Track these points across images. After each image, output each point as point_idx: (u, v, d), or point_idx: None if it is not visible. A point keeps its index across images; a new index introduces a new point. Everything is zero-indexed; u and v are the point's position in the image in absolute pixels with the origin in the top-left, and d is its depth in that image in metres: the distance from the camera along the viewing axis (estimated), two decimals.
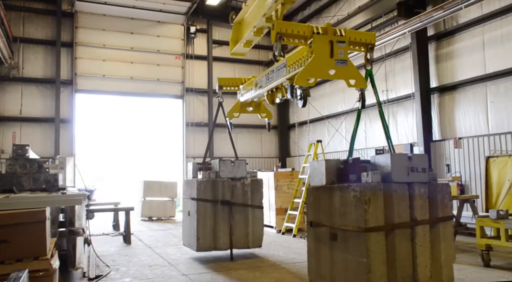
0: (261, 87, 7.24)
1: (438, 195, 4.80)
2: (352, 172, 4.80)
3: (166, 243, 10.36)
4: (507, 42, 10.91)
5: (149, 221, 15.26)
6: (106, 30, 18.52)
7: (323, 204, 4.95)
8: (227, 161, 8.07)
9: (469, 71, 11.88)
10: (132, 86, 18.95)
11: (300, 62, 5.58)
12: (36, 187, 6.48)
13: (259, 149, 21.01)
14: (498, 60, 11.12)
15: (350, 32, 5.52)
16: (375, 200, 4.37)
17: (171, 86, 19.78)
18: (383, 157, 4.75)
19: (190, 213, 8.00)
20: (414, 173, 4.66)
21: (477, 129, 11.61)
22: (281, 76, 6.24)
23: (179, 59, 19.91)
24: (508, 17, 10.87)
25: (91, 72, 18.18)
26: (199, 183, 7.73)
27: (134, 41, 19.00)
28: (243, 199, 8.00)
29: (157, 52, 19.41)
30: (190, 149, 19.65)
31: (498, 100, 11.18)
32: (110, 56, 18.54)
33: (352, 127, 16.67)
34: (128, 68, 18.84)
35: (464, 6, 10.98)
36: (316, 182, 5.14)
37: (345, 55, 5.26)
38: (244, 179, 8.08)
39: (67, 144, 17.43)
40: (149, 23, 19.31)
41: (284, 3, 6.09)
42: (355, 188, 4.43)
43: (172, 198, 16.01)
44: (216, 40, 20.68)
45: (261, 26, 7.08)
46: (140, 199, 15.56)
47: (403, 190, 4.56)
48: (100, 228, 11.98)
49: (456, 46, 12.34)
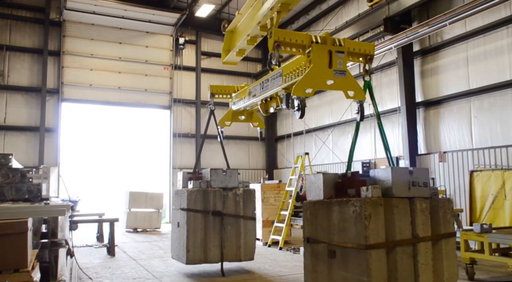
0: (255, 96, 7.11)
1: (440, 210, 4.64)
2: (351, 186, 4.65)
3: (151, 255, 10.21)
4: (490, 59, 11.16)
5: (134, 232, 15.07)
6: (94, 40, 18.46)
7: (320, 220, 4.75)
8: (219, 170, 7.85)
9: (454, 86, 12.10)
10: (120, 96, 18.85)
11: (297, 72, 5.46)
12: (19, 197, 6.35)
13: (246, 160, 21.00)
14: (482, 76, 11.35)
15: (349, 42, 5.41)
16: (376, 216, 4.18)
17: (159, 96, 19.73)
18: (383, 170, 4.59)
19: (180, 224, 7.77)
20: (415, 188, 4.50)
21: (461, 143, 11.78)
22: (276, 85, 6.12)
23: (167, 70, 19.91)
24: (491, 34, 11.14)
25: (78, 82, 18.05)
26: (189, 193, 7.51)
27: (123, 51, 18.96)
28: (235, 210, 7.77)
29: (145, 63, 19.39)
30: (177, 160, 19.54)
31: (481, 116, 11.38)
32: (97, 65, 18.45)
33: (339, 140, 16.86)
34: (115, 78, 18.76)
35: (448, 23, 11.22)
36: (313, 197, 4.97)
37: (344, 65, 5.16)
38: (236, 189, 7.86)
39: (51, 153, 17.19)
40: (138, 33, 19.31)
41: (280, 11, 6.00)
42: (355, 202, 4.24)
43: (158, 209, 15.85)
44: (205, 51, 20.75)
45: (255, 35, 7.01)
46: (125, 210, 15.37)
47: (405, 205, 4.38)
48: (84, 239, 11.78)
49: (441, 61, 12.57)
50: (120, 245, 11.53)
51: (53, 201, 7.34)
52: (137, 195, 15.61)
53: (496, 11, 10.81)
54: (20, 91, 17.07)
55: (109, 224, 10.51)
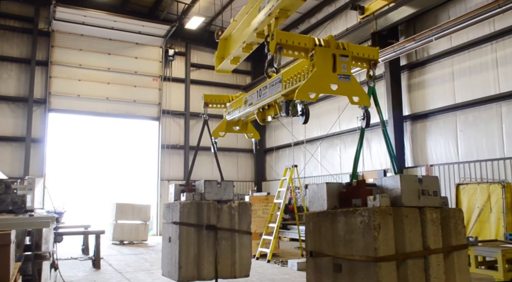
0: (251, 105, 6.83)
1: (451, 221, 4.37)
2: (357, 196, 4.39)
3: (137, 268, 10.07)
4: (475, 74, 11.38)
5: (120, 244, 14.86)
6: (83, 50, 18.41)
7: (324, 232, 4.46)
8: (213, 182, 7.52)
9: (440, 100, 12.28)
10: (108, 107, 18.76)
11: (298, 77, 5.25)
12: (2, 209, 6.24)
13: (235, 172, 20.95)
14: (467, 91, 11.55)
15: (353, 46, 5.25)
16: (385, 226, 3.90)
17: (147, 108, 19.67)
18: (391, 179, 4.32)
19: (172, 239, 7.39)
20: (425, 197, 4.23)
21: (447, 157, 11.92)
22: (275, 92, 5.86)
23: (156, 81, 19.89)
24: (475, 50, 11.37)
25: (66, 92, 17.94)
26: (182, 205, 7.14)
27: (111, 62, 18.92)
28: (230, 224, 7.40)
29: (134, 74, 19.36)
30: (165, 171, 19.43)
31: (467, 129, 11.55)
32: (86, 76, 18.37)
33: (327, 152, 16.92)
34: (104, 88, 18.68)
35: (434, 38, 11.44)
36: (316, 207, 4.69)
37: (348, 70, 4.95)
38: (231, 201, 7.52)
39: (37, 164, 16.97)
40: (127, 44, 19.31)
41: (278, 17, 5.79)
42: (363, 212, 3.97)
43: (145, 221, 15.68)
44: (194, 63, 20.81)
45: (251, 42, 6.81)
46: (111, 221, 15.17)
47: (415, 215, 4.12)
48: (69, 252, 11.58)
49: (427, 76, 12.77)
50: (106, 258, 11.35)
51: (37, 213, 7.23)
52: (124, 207, 15.43)
53: (480, 28, 11.06)
54: (6, 101, 16.89)
55: (95, 236, 10.35)
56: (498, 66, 10.85)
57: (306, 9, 17.72)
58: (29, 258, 5.68)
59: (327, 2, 17.05)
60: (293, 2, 5.58)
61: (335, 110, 16.06)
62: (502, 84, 10.73)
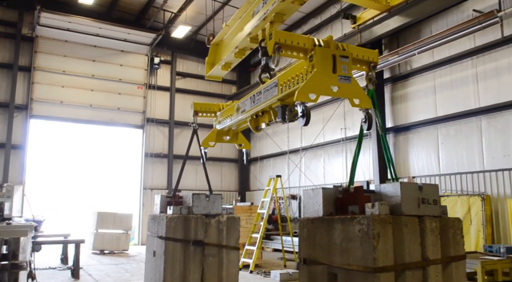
0: (244, 112, 6.57)
1: (449, 230, 4.24)
2: (354, 202, 4.23)
3: (117, 279, 9.90)
4: (456, 88, 11.62)
5: (101, 254, 14.60)
6: (67, 57, 18.22)
7: (319, 239, 4.30)
8: (202, 195, 7.23)
9: (422, 113, 12.49)
10: (91, 114, 18.55)
11: (296, 79, 5.09)
12: None
13: (219, 182, 20.86)
14: (448, 104, 11.78)
15: (352, 48, 5.11)
16: (385, 235, 3.75)
17: (131, 115, 19.52)
18: (391, 186, 4.18)
19: (156, 254, 7.04)
20: (425, 205, 4.11)
21: (429, 169, 12.09)
22: (271, 97, 5.63)
23: (141, 89, 19.78)
24: (456, 64, 11.63)
25: (49, 98, 17.69)
26: (169, 219, 6.79)
27: (96, 68, 18.77)
28: (217, 239, 7.05)
29: (119, 81, 19.23)
30: (148, 180, 19.24)
31: (448, 142, 11.75)
32: (69, 82, 18.17)
33: (311, 163, 16.98)
34: (88, 95, 18.49)
35: (417, 52, 11.68)
36: (310, 213, 4.52)
37: (349, 71, 4.81)
38: (219, 216, 7.21)
39: (17, 171, 16.63)
40: (113, 51, 19.19)
41: (273, 21, 5.63)
42: (361, 220, 3.81)
43: (127, 230, 15.45)
44: (180, 72, 20.79)
45: (244, 47, 6.68)
46: (92, 230, 14.92)
47: (414, 224, 3.98)
48: (47, 261, 11.33)
49: (410, 89, 12.99)
50: (85, 268, 11.13)
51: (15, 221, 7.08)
52: (105, 215, 15.20)
53: (461, 43, 11.33)
54: None
55: (74, 245, 10.16)
56: (478, 81, 11.11)
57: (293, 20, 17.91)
58: (6, 267, 5.55)
59: (315, 12, 17.26)
60: (289, 6, 5.47)
61: (319, 121, 16.19)
62: (482, 98, 10.98)
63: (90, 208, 16.29)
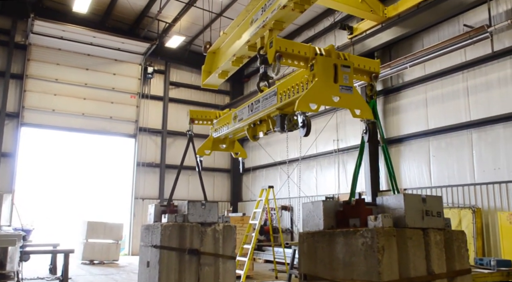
0: (242, 120, 6.43)
1: (454, 243, 4.13)
2: (355, 215, 4.12)
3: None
4: (447, 101, 11.74)
5: (90, 264, 14.41)
6: (60, 65, 18.17)
7: (321, 253, 4.14)
8: (197, 202, 7.07)
9: (414, 126, 12.59)
10: (83, 122, 18.46)
11: (296, 88, 4.97)
12: None
13: (211, 192, 20.77)
14: (440, 117, 11.89)
15: (354, 57, 5.02)
16: (389, 249, 3.63)
17: (124, 124, 19.45)
18: (394, 198, 4.07)
19: (150, 264, 6.81)
20: (429, 217, 3.99)
21: (420, 181, 12.15)
22: (269, 105, 5.49)
23: (134, 98, 19.75)
24: (448, 78, 11.77)
25: (40, 106, 17.58)
26: (164, 228, 6.61)
27: (89, 77, 18.72)
28: (214, 248, 6.89)
29: (112, 90, 19.18)
30: (140, 190, 19.12)
31: (439, 155, 11.84)
32: (62, 91, 18.09)
33: (304, 174, 16.99)
34: (80, 104, 18.42)
35: (409, 65, 11.82)
36: (311, 227, 4.40)
37: (350, 81, 4.72)
38: (215, 224, 7.04)
39: (7, 179, 16.44)
40: (106, 60, 19.18)
41: (272, 29, 5.57)
42: (365, 233, 3.68)
43: (117, 240, 15.29)
44: (174, 81, 20.80)
45: (242, 55, 6.63)
46: (82, 240, 14.75)
47: (419, 237, 3.86)
48: (36, 271, 11.15)
49: (402, 102, 13.11)
50: (74, 278, 10.98)
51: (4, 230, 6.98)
52: (96, 225, 15.04)
53: (452, 57, 11.49)
54: None
55: (63, 255, 10.02)
56: (469, 95, 11.24)
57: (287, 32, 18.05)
58: None
59: (309, 25, 17.42)
60: (289, 14, 5.41)
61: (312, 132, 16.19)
62: (472, 112, 11.10)
63: (80, 217, 16.12)
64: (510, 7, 10.37)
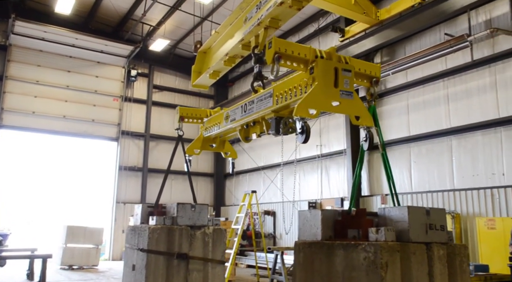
0: (234, 121, 6.18)
1: (456, 258, 3.96)
2: (355, 226, 3.94)
3: None
4: (428, 108, 11.94)
5: (69, 269, 14.13)
6: (42, 66, 17.89)
7: (318, 265, 3.94)
8: (187, 205, 6.75)
9: (396, 132, 12.75)
10: (65, 125, 18.17)
11: (294, 91, 4.75)
12: None
13: None
14: (421, 124, 12.07)
15: (355, 61, 4.82)
16: (393, 265, 3.45)
17: (106, 128, 19.22)
18: (397, 209, 3.89)
19: (136, 268, 6.48)
20: (432, 231, 3.82)
21: (401, 187, 12.29)
22: (264, 107, 5.27)
23: (117, 101, 19.54)
24: (429, 85, 11.97)
25: (20, 108, 17.25)
26: (152, 230, 6.28)
27: (71, 79, 18.46)
28: (203, 252, 6.59)
29: (94, 93, 18.95)
30: (121, 194, 18.87)
31: (420, 161, 12.01)
32: (43, 93, 17.80)
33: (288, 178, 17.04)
34: (61, 106, 18.13)
35: (391, 72, 12.00)
36: (307, 236, 4.19)
37: (351, 86, 4.51)
38: (205, 227, 6.73)
39: None
40: (89, 62, 18.95)
41: (268, 27, 5.37)
42: (367, 247, 3.50)
43: (97, 245, 15.05)
44: (157, 85, 20.67)
45: (235, 54, 6.40)
46: (61, 245, 14.46)
47: (422, 252, 3.69)
48: (12, 277, 10.89)
49: (384, 108, 13.27)
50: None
51: None
52: (76, 229, 14.77)
53: (434, 65, 11.69)
54: None
55: (41, 260, 9.81)
56: (449, 102, 11.45)
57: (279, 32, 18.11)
58: None
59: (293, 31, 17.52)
60: (286, 11, 5.22)
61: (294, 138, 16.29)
62: (452, 119, 11.30)
63: (60, 222, 15.83)
64: (489, 17, 10.63)
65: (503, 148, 10.18)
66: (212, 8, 16.24)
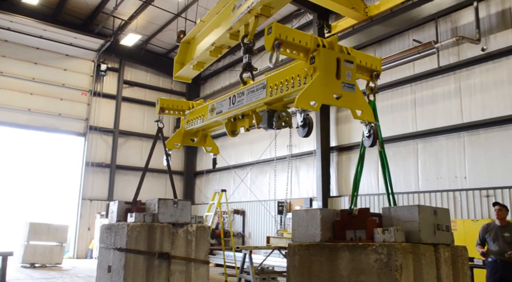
0: (221, 114, 5.76)
1: (459, 260, 3.81)
2: (356, 227, 3.69)
3: None
4: (396, 112, 12.24)
5: (31, 268, 13.72)
6: (6, 57, 17.29)
7: (317, 269, 3.64)
8: (169, 200, 6.32)
9: None
10: (30, 119, 17.61)
11: (291, 82, 4.43)
12: None
13: (163, 194, 20.37)
14: (388, 127, 12.34)
15: (356, 52, 4.50)
16: (407, 267, 3.20)
17: (73, 122, 18.75)
18: (406, 209, 3.63)
19: (112, 269, 6.02)
20: (440, 232, 3.62)
21: (369, 188, 12.56)
22: (256, 99, 4.91)
23: (85, 96, 19.10)
24: (397, 89, 12.27)
25: None
26: (131, 228, 5.83)
27: (37, 71, 17.92)
28: (186, 251, 6.19)
29: (61, 86, 18.46)
30: (88, 190, 18.45)
31: None
32: (6, 84, 17.19)
33: (257, 178, 17.07)
34: (26, 99, 17.57)
35: None
36: (303, 238, 3.90)
37: (353, 78, 4.24)
38: (188, 225, 6.32)
39: None
40: (57, 55, 18.44)
41: (259, 15, 5.06)
42: (379, 249, 3.21)
43: (61, 242, 14.66)
44: (128, 80, 20.31)
45: (222, 44, 6.08)
46: (23, 242, 14.01)
47: (431, 253, 3.50)
48: None
49: None
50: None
51: None
52: (39, 226, 14.33)
53: (402, 70, 12.00)
54: None
55: (1, 258, 9.48)
56: (416, 107, 11.78)
57: None
58: None
59: None
60: None
61: (267, 137, 16.38)
62: (419, 123, 11.64)
63: (23, 218, 15.33)
64: (456, 26, 11.01)
65: (465, 152, 10.56)
66: (186, 4, 16.10)
